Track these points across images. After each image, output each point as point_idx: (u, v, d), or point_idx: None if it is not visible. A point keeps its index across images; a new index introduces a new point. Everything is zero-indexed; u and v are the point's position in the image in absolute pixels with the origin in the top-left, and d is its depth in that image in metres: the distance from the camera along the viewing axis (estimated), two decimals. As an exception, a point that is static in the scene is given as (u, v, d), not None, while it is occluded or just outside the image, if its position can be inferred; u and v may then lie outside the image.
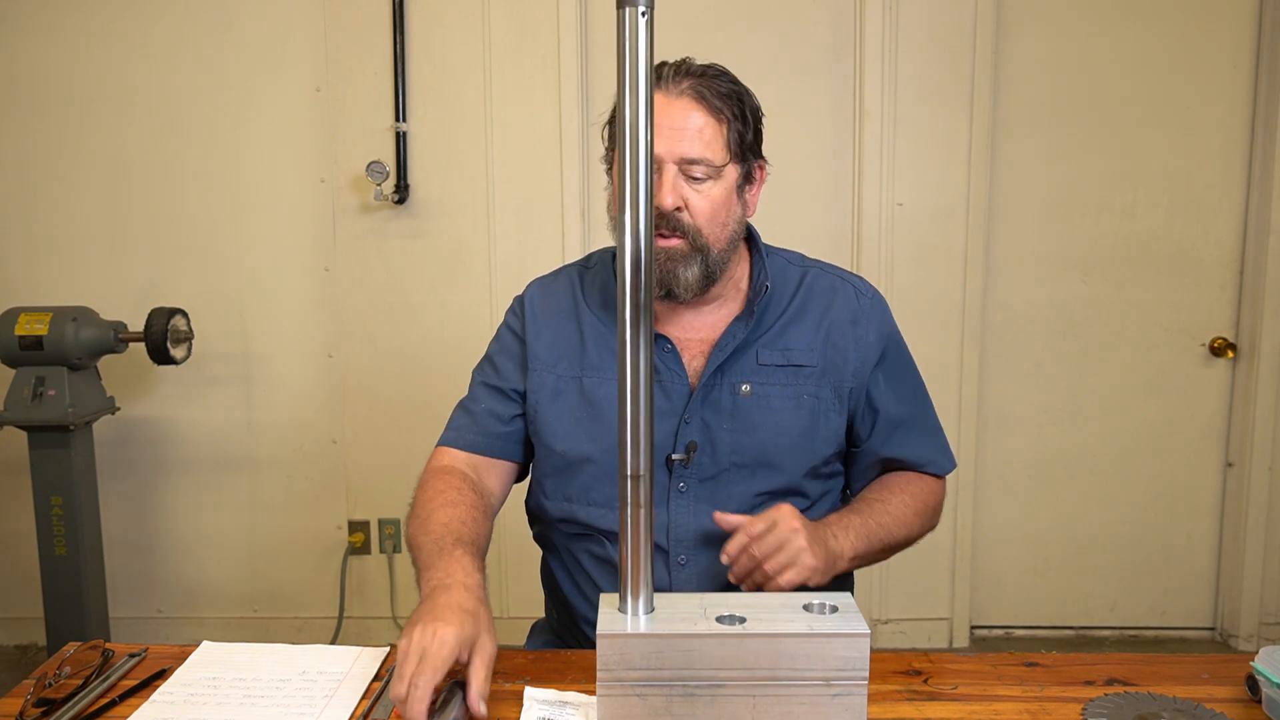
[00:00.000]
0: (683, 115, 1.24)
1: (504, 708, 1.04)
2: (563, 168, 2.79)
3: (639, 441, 0.98)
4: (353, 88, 2.78)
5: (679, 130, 1.23)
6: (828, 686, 0.96)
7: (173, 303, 2.72)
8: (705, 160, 1.24)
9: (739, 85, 1.29)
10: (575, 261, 1.47)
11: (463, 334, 2.84)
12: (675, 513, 1.31)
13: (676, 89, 1.25)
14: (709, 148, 1.24)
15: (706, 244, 1.26)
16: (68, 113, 2.81)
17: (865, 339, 1.36)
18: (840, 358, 1.34)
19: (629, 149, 0.94)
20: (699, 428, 1.30)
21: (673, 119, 1.23)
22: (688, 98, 1.24)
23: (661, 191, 1.22)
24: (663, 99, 1.24)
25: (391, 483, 2.91)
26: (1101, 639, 3.03)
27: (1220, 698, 1.06)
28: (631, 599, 0.98)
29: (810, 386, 1.33)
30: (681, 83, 1.25)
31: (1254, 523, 2.89)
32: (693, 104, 1.24)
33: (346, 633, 2.97)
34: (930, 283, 2.82)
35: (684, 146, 1.23)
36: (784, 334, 1.34)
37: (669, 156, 1.23)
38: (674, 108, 1.24)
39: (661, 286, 1.26)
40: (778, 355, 1.33)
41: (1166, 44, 2.78)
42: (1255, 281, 2.82)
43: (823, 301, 1.36)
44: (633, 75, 0.93)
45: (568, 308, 1.38)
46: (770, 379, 1.32)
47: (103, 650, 1.14)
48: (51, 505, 2.47)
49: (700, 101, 1.25)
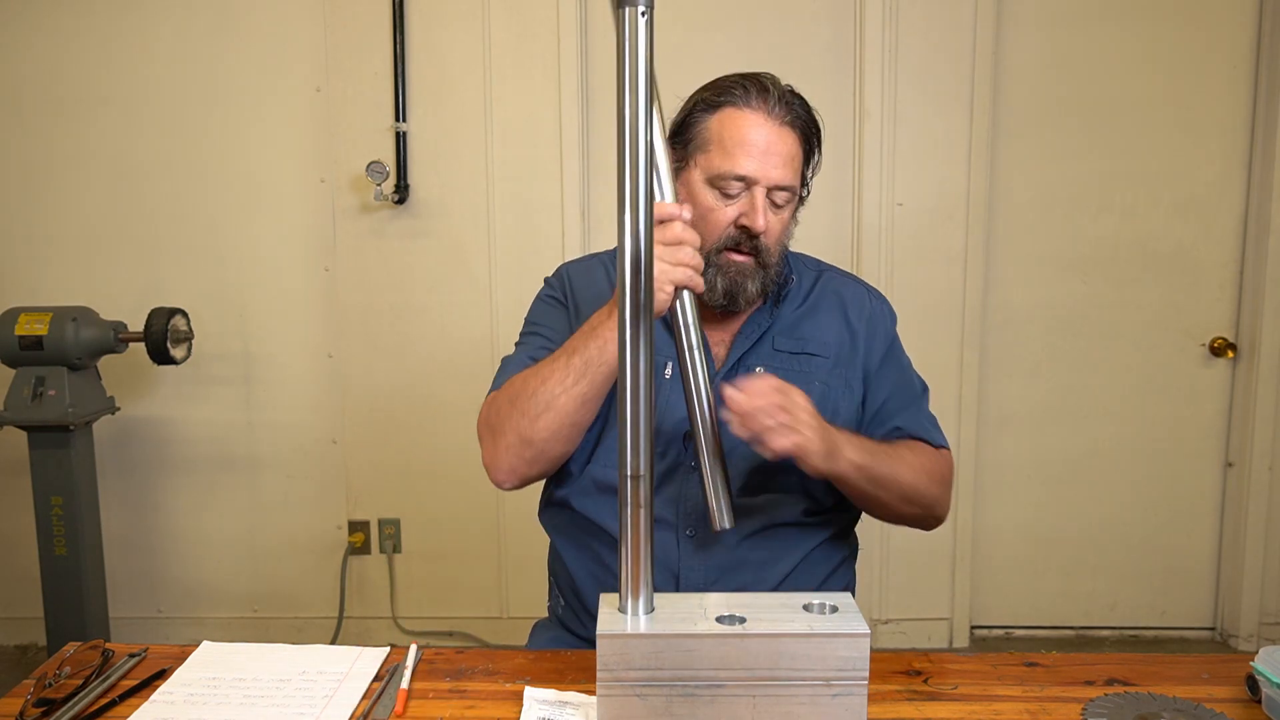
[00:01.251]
0: (784, 144, 1.28)
1: (504, 708, 1.04)
2: (563, 168, 2.79)
3: (639, 441, 0.98)
4: (353, 88, 2.78)
5: (778, 157, 1.27)
6: (828, 686, 0.96)
7: (173, 303, 2.72)
8: (790, 188, 1.29)
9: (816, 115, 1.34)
10: (602, 252, 1.49)
11: (463, 334, 2.84)
12: (687, 487, 1.33)
13: (782, 115, 1.28)
14: (795, 176, 1.30)
15: (770, 261, 1.31)
16: (68, 113, 2.81)
17: (875, 335, 1.41)
18: (850, 350, 1.39)
19: (629, 149, 0.94)
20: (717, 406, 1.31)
21: (774, 145, 1.27)
22: (790, 127, 1.29)
23: (756, 214, 1.26)
24: (762, 119, 1.27)
25: (391, 483, 2.91)
26: (1101, 639, 3.03)
27: (1220, 698, 1.06)
28: (631, 599, 0.98)
29: (821, 373, 1.37)
30: (788, 111, 1.29)
31: (1254, 523, 2.89)
32: (793, 134, 1.29)
33: (346, 633, 2.97)
34: (930, 283, 2.82)
35: (778, 174, 1.27)
36: (799, 326, 1.39)
37: (763, 180, 1.27)
38: (778, 135, 1.27)
39: (727, 297, 1.30)
40: (792, 343, 1.38)
41: (1166, 44, 2.78)
42: (1255, 281, 2.82)
43: (837, 299, 1.42)
44: (632, 75, 0.93)
45: (605, 294, 1.39)
46: (784, 365, 1.36)
47: (103, 650, 1.14)
48: (51, 505, 2.47)
49: (799, 132, 1.30)
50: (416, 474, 2.91)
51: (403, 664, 1.12)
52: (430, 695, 1.07)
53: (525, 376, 1.28)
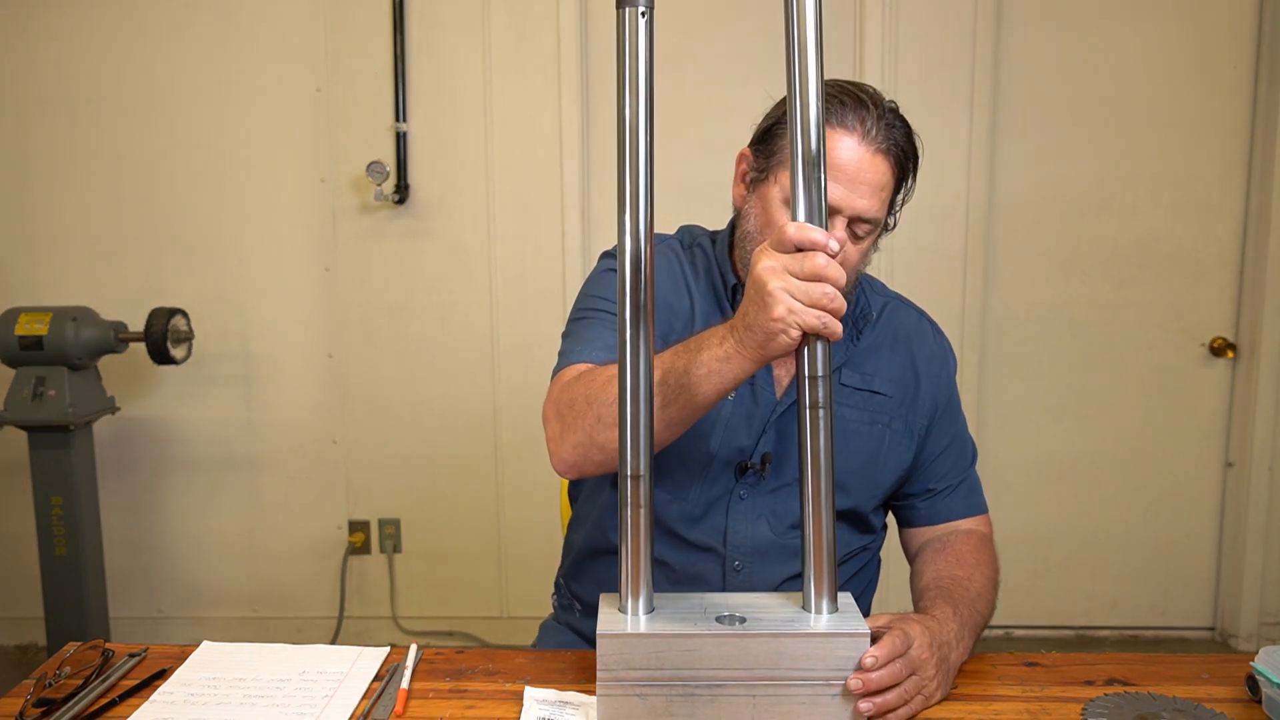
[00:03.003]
0: (875, 171, 1.16)
1: (504, 708, 1.04)
2: (563, 168, 2.78)
3: (639, 441, 0.98)
4: (353, 88, 2.78)
5: (867, 186, 1.15)
6: (828, 686, 0.96)
7: (173, 303, 2.72)
8: (876, 221, 1.18)
9: (914, 137, 1.21)
10: (668, 235, 1.38)
11: (463, 334, 2.84)
12: (734, 518, 1.27)
13: (879, 140, 1.16)
14: (882, 208, 1.18)
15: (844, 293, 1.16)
16: (68, 113, 2.81)
17: (939, 379, 1.35)
18: (915, 393, 1.32)
19: (629, 149, 0.94)
20: (774, 439, 1.27)
21: (865, 173, 1.15)
22: (883, 155, 1.16)
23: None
24: (856, 143, 1.15)
25: (391, 483, 2.91)
26: (1101, 639, 3.03)
27: (1220, 698, 1.06)
28: (631, 599, 0.98)
29: (885, 415, 1.30)
30: (886, 135, 1.16)
31: (1254, 523, 2.89)
32: (887, 162, 1.17)
33: (346, 633, 2.97)
34: (930, 283, 2.82)
35: (864, 204, 1.16)
36: (866, 360, 1.31)
37: (846, 209, 1.15)
38: (870, 161, 1.15)
39: None
40: (859, 379, 1.30)
41: (1166, 44, 2.78)
42: (1255, 281, 2.82)
43: (904, 334, 1.35)
44: (633, 76, 0.93)
45: (677, 275, 1.32)
46: (849, 401, 1.29)
47: (103, 650, 1.14)
48: (51, 505, 2.47)
49: (891, 160, 1.17)
50: (416, 474, 2.91)
51: (403, 664, 1.12)
52: (430, 695, 1.07)
53: (610, 377, 1.11)
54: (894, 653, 0.98)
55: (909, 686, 1.00)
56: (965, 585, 1.22)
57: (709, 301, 1.31)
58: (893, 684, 0.98)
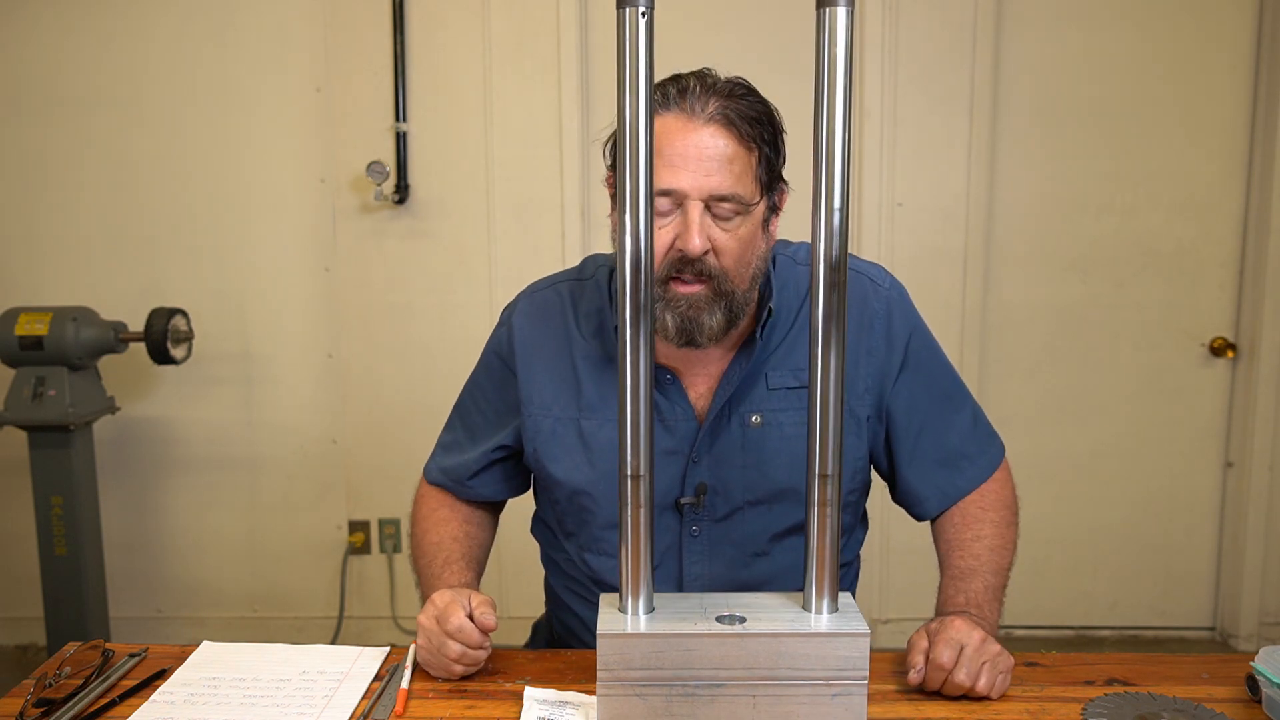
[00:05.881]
0: (711, 144, 1.06)
1: (504, 708, 1.04)
2: (563, 168, 2.79)
3: (639, 441, 0.98)
4: (353, 88, 2.78)
5: (707, 162, 1.06)
6: (828, 686, 0.96)
7: (173, 303, 2.72)
8: (736, 197, 1.07)
9: (767, 104, 1.12)
10: (569, 271, 1.32)
11: (463, 334, 2.84)
12: (689, 562, 1.22)
13: (703, 112, 1.07)
14: (739, 182, 1.07)
15: (732, 288, 1.10)
16: (68, 113, 2.81)
17: (877, 348, 1.21)
18: (850, 375, 1.18)
19: (629, 149, 0.94)
20: (708, 467, 1.19)
21: (699, 148, 1.06)
22: (717, 124, 1.07)
23: (689, 234, 1.06)
24: (683, 122, 1.07)
25: (391, 483, 2.91)
26: (1101, 639, 3.03)
27: (1220, 698, 1.06)
28: (631, 599, 0.98)
29: None
30: (709, 104, 1.07)
31: (1254, 523, 2.89)
32: (722, 130, 1.07)
33: (346, 633, 2.97)
34: (930, 283, 2.82)
35: (713, 181, 1.06)
36: (793, 351, 1.20)
37: (695, 193, 1.06)
38: (700, 135, 1.06)
39: (682, 335, 1.11)
40: (789, 376, 1.19)
41: (1166, 44, 2.78)
42: (1255, 281, 2.82)
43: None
44: (633, 76, 0.93)
45: (560, 338, 1.25)
46: (782, 404, 1.19)
47: (103, 650, 1.14)
48: (51, 505, 2.47)
49: (730, 127, 1.07)
50: (416, 474, 2.88)
51: (403, 664, 1.12)
52: (430, 695, 1.07)
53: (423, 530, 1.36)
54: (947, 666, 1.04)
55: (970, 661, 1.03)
56: (971, 547, 1.20)
57: (593, 341, 1.23)
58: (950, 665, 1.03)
